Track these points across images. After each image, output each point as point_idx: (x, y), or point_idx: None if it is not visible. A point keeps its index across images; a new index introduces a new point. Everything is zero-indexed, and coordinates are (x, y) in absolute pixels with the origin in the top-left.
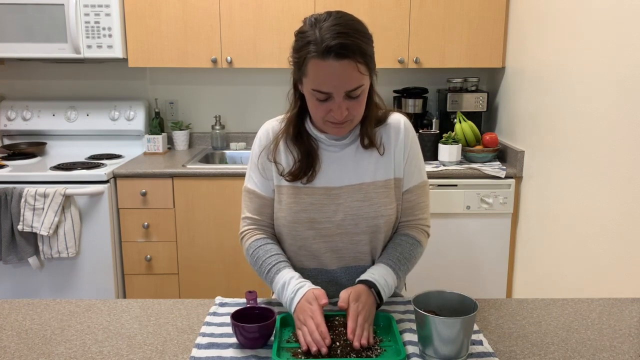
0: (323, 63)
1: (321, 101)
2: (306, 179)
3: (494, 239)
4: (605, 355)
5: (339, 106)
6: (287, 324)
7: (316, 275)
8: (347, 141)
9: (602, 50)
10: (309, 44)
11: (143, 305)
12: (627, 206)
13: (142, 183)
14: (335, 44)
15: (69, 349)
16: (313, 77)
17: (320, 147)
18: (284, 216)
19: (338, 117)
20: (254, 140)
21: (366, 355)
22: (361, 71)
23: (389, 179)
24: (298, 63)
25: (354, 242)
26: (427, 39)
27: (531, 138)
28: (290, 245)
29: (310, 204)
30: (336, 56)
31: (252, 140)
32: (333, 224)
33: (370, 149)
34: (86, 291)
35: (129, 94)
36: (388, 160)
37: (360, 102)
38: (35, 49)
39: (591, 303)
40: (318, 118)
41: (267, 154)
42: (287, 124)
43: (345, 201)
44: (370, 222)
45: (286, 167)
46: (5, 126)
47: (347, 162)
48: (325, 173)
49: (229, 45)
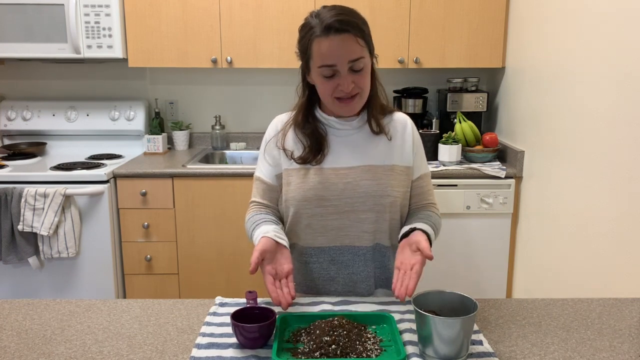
0: (325, 39)
1: (328, 78)
2: (315, 162)
3: (494, 239)
4: (605, 355)
5: (345, 79)
6: (287, 324)
7: (318, 254)
8: (356, 124)
9: (602, 50)
10: (311, 29)
11: (143, 305)
12: (627, 206)
13: (142, 183)
14: (334, 21)
15: (69, 349)
16: (318, 55)
17: (330, 132)
18: (293, 196)
19: (346, 89)
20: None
21: (366, 355)
22: (360, 44)
23: (397, 165)
24: (303, 50)
25: (359, 219)
26: (427, 39)
27: (531, 138)
28: (296, 224)
29: (318, 182)
30: (336, 31)
31: (252, 140)
32: (341, 201)
33: (378, 135)
34: (86, 291)
35: (129, 94)
36: (396, 149)
37: (364, 76)
38: (35, 49)
39: (591, 303)
40: (327, 97)
41: (275, 141)
42: (297, 112)
43: (354, 180)
44: (377, 201)
45: (295, 152)
46: (6, 126)
47: (357, 147)
48: (334, 156)
49: (229, 45)
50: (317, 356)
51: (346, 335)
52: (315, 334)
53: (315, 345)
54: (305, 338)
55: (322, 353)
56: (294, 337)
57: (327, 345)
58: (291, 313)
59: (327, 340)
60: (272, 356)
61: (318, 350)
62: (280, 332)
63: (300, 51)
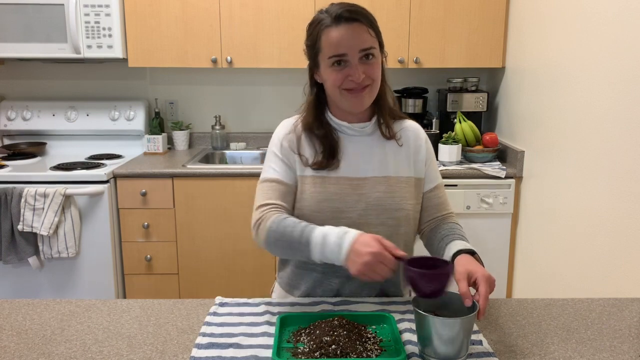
0: (335, 29)
1: (338, 69)
2: (330, 169)
3: (494, 238)
4: (605, 355)
5: (355, 68)
6: (287, 324)
7: (329, 267)
8: (368, 130)
9: (602, 49)
10: (320, 22)
11: (143, 305)
12: (627, 206)
13: (142, 183)
14: (344, 11)
15: (69, 349)
16: (328, 45)
17: (342, 138)
18: (307, 205)
19: (357, 79)
20: (270, 139)
21: (366, 355)
22: (371, 34)
23: (410, 177)
24: (312, 44)
25: (372, 233)
26: (427, 39)
27: (531, 138)
28: None
29: (333, 194)
30: (347, 20)
31: (252, 140)
32: (355, 213)
33: (390, 142)
34: (86, 291)
35: (129, 94)
36: (408, 159)
37: (375, 66)
38: (35, 49)
39: (591, 303)
40: (337, 90)
41: (289, 143)
42: (306, 113)
43: (369, 192)
44: (391, 214)
45: (309, 157)
46: (5, 126)
47: (371, 154)
48: (349, 163)
49: (229, 45)
50: (317, 356)
51: (346, 335)
52: (316, 334)
53: (316, 345)
54: (305, 338)
55: (322, 353)
56: (294, 337)
57: (327, 345)
58: (291, 313)
59: (327, 340)
60: (272, 356)
61: (318, 350)
62: (280, 332)
63: (308, 47)
